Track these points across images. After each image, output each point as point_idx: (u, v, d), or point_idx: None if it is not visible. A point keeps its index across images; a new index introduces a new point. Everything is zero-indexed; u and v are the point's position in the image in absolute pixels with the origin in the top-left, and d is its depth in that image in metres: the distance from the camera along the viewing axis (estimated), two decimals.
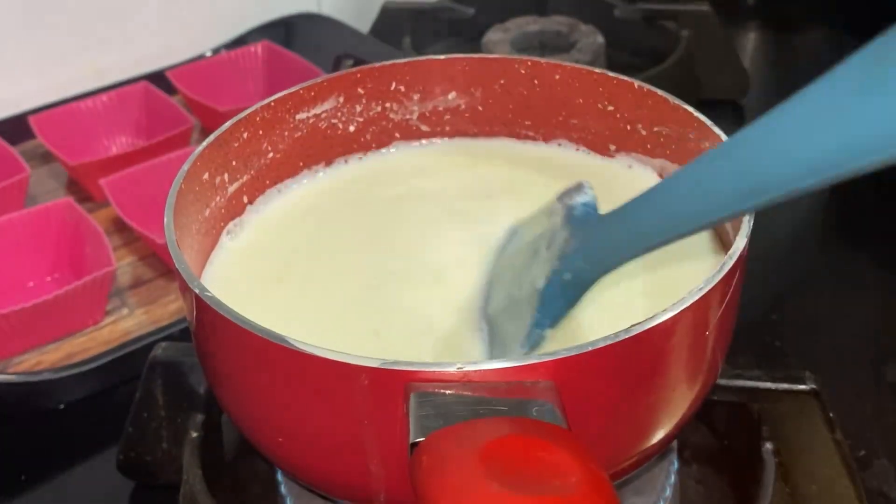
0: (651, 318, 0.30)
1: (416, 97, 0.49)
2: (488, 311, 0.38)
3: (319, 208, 0.46)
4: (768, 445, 0.42)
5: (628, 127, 0.46)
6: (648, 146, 0.46)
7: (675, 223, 0.30)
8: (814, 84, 0.23)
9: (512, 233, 0.41)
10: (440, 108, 0.50)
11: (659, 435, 0.35)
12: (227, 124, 0.43)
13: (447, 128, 0.50)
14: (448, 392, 0.28)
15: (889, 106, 0.20)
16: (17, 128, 0.73)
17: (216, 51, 0.86)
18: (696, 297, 0.31)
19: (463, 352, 0.37)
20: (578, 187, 0.36)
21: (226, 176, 0.44)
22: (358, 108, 0.48)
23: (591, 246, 0.34)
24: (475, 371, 0.29)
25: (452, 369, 0.29)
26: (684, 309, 0.31)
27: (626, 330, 0.30)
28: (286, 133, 0.46)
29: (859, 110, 0.21)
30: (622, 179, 0.46)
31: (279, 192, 0.47)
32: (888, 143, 0.20)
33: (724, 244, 0.41)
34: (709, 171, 0.28)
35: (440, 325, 0.38)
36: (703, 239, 0.42)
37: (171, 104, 0.74)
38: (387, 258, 0.43)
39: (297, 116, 0.46)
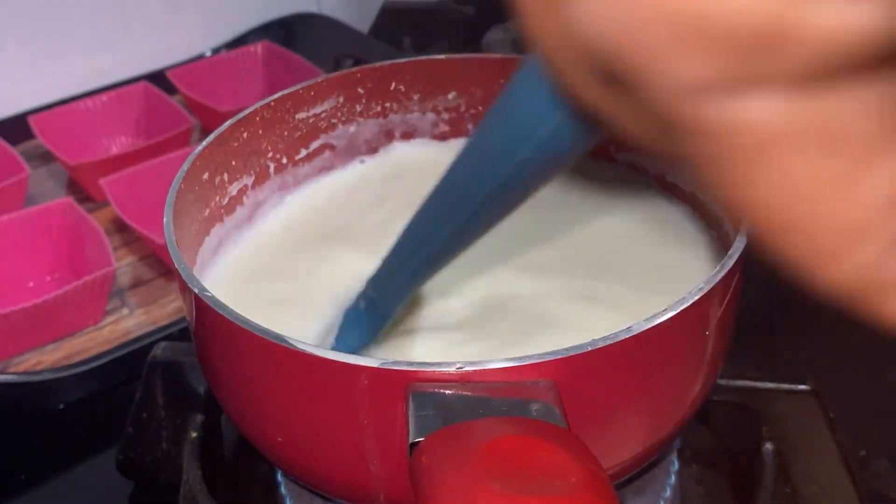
0: (651, 317, 0.30)
1: (416, 97, 0.49)
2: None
3: (319, 206, 0.46)
4: (768, 445, 0.42)
5: None
6: None
7: (417, 249, 0.30)
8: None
9: None
10: (440, 108, 0.50)
11: (659, 435, 0.35)
12: (227, 124, 0.43)
13: (447, 128, 0.50)
14: (448, 392, 0.28)
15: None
16: (16, 128, 0.73)
17: (216, 51, 0.86)
18: (696, 297, 0.31)
19: None
20: None
21: (225, 176, 0.43)
22: (358, 108, 0.48)
23: (377, 273, 0.33)
24: (475, 371, 0.29)
25: (452, 369, 0.29)
26: (684, 309, 0.31)
27: (626, 330, 0.30)
28: (286, 133, 0.46)
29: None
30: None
31: (279, 191, 0.47)
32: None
33: (724, 245, 0.41)
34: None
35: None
36: (702, 240, 0.42)
37: (171, 104, 0.74)
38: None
39: (297, 116, 0.46)
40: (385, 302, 0.33)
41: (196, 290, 0.33)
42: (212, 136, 0.42)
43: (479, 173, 0.25)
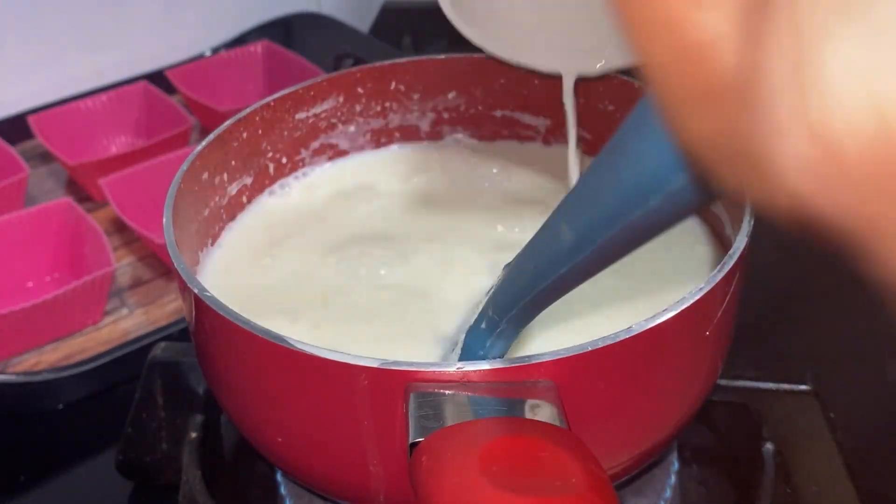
0: (651, 318, 0.30)
1: (416, 97, 0.49)
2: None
3: (318, 205, 0.46)
4: (768, 445, 0.42)
5: None
6: None
7: (542, 275, 0.28)
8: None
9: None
10: (440, 108, 0.50)
11: (659, 435, 0.35)
12: (227, 124, 0.43)
13: (447, 127, 0.50)
14: (448, 392, 0.28)
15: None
16: (16, 128, 0.73)
17: (216, 50, 0.86)
18: (697, 297, 0.31)
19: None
20: None
21: (225, 176, 0.43)
22: (358, 108, 0.48)
23: (496, 295, 0.32)
24: (475, 371, 0.29)
25: (452, 369, 0.29)
26: (684, 309, 0.31)
27: (626, 330, 0.30)
28: (286, 133, 0.46)
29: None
30: None
31: (278, 191, 0.47)
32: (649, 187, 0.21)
33: (724, 245, 0.41)
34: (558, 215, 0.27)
35: (430, 329, 0.38)
36: (702, 240, 0.42)
37: (171, 104, 0.74)
38: (386, 259, 0.42)
39: (297, 116, 0.46)
40: (511, 322, 0.31)
41: (196, 290, 0.33)
42: (211, 136, 0.42)
43: (592, 222, 0.24)
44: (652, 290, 0.39)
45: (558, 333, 0.37)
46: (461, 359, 0.33)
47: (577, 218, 0.25)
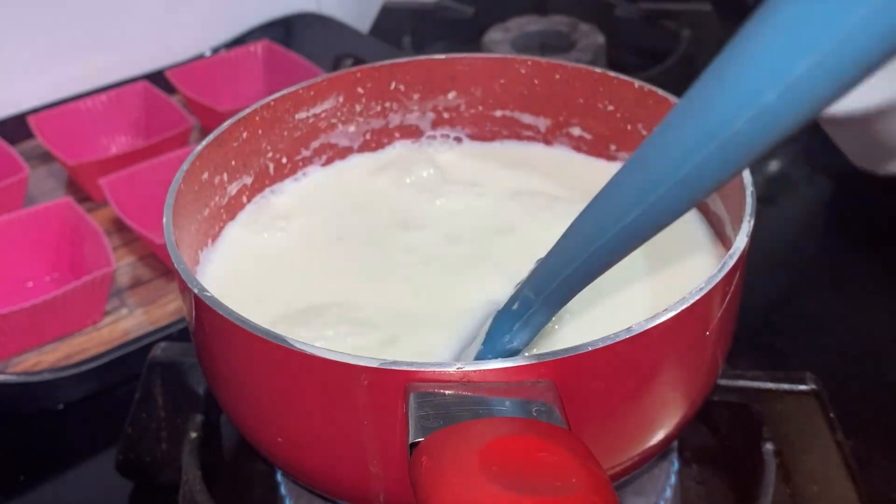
0: (651, 318, 0.30)
1: (416, 97, 0.49)
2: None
3: (318, 206, 0.46)
4: (769, 446, 0.42)
5: (629, 127, 0.46)
6: None
7: (590, 241, 0.28)
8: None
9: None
10: (440, 108, 0.50)
11: (659, 435, 0.35)
12: (227, 124, 0.43)
13: (447, 127, 0.50)
14: (448, 392, 0.28)
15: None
16: (16, 127, 0.73)
17: (216, 50, 0.86)
18: (697, 297, 0.31)
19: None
20: None
21: (225, 175, 0.43)
22: (358, 108, 0.48)
23: (535, 273, 0.32)
24: (475, 371, 0.29)
25: (452, 369, 0.29)
26: (684, 309, 0.31)
27: (627, 330, 0.30)
28: (286, 133, 0.46)
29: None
30: None
31: (278, 191, 0.47)
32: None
33: (724, 244, 0.41)
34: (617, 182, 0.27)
35: (428, 321, 0.38)
36: (703, 240, 0.42)
37: (171, 104, 0.74)
38: (385, 256, 0.43)
39: (297, 116, 0.46)
40: (546, 303, 0.31)
41: (196, 291, 0.33)
42: (211, 136, 0.42)
43: (692, 139, 0.22)
44: (651, 289, 0.39)
45: (559, 335, 0.37)
46: (483, 345, 0.34)
47: (657, 155, 0.24)
